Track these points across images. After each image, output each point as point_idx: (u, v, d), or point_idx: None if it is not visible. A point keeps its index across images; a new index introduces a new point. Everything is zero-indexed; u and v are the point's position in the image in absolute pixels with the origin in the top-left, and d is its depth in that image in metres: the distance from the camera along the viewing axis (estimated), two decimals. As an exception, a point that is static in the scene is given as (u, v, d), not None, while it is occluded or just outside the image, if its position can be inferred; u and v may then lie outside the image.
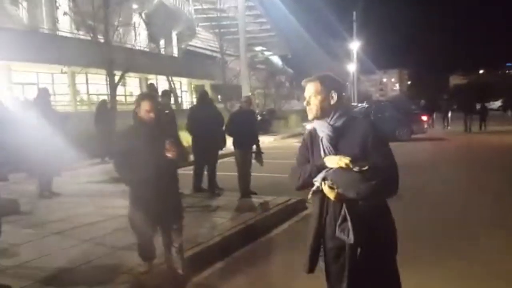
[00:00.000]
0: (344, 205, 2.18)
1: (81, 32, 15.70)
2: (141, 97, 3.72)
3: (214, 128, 7.22)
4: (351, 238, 2.15)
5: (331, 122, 2.32)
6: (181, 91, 29.47)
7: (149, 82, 16.14)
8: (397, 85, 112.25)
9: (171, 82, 20.27)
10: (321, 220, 2.31)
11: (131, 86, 22.96)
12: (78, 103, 21.00)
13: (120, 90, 16.90)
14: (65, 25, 17.63)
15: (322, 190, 2.22)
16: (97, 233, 5.18)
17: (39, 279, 3.93)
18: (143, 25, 19.34)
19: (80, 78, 20.65)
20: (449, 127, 24.02)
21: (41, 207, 6.63)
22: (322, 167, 2.23)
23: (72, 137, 6.80)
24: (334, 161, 2.18)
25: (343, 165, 2.12)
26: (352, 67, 40.17)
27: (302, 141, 2.50)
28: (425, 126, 18.60)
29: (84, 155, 8.01)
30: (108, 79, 12.16)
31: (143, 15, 16.99)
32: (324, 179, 2.19)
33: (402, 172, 2.25)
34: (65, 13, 12.48)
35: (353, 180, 2.11)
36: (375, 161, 2.16)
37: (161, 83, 21.09)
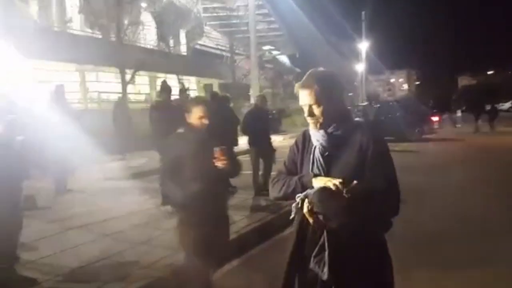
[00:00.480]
0: (324, 233, 1.81)
1: (91, 31, 15.78)
2: (194, 102, 3.25)
3: (226, 128, 7.25)
4: (324, 273, 1.80)
5: (329, 130, 1.93)
6: (190, 90, 29.51)
7: (161, 80, 16.20)
8: (405, 85, 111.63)
9: (182, 81, 20.37)
10: (298, 244, 1.95)
11: (140, 84, 23.05)
12: (88, 101, 21.12)
13: (129, 88, 17.00)
14: (75, 24, 17.74)
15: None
16: (115, 229, 5.24)
17: (58, 273, 3.98)
18: (152, 24, 19.43)
19: (90, 76, 20.77)
20: (458, 127, 23.96)
21: (58, 203, 6.70)
22: (308, 185, 1.87)
23: (89, 134, 6.86)
24: (322, 183, 1.81)
25: (331, 186, 1.76)
26: (360, 67, 40.03)
27: (293, 143, 2.13)
28: (436, 126, 18.57)
29: (101, 152, 8.07)
30: (120, 77, 12.24)
31: (153, 13, 17.08)
32: (306, 196, 1.83)
33: (413, 173, 2.09)
34: (80, 12, 12.55)
35: (338, 207, 1.73)
36: (372, 182, 1.79)
37: (170, 82, 21.11)
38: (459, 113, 25.17)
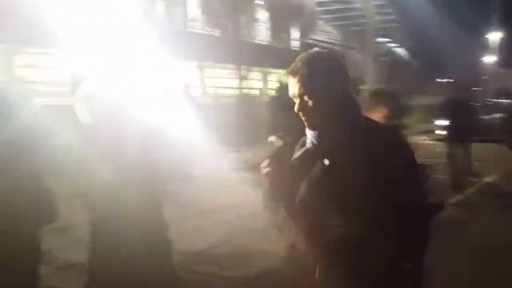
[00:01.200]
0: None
1: (210, 29, 16.72)
2: (379, 97, 2.58)
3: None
4: None
5: (328, 129, 1.45)
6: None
7: (273, 76, 16.55)
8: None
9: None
10: None
11: (253, 79, 23.82)
12: (206, 96, 22.49)
13: (243, 83, 17.67)
14: (194, 23, 18.96)
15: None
16: (232, 217, 5.46)
17: (180, 255, 4.24)
18: (266, 20, 19.86)
19: (207, 72, 22.05)
20: None
21: (179, 189, 7.19)
22: None
23: (209, 127, 7.28)
24: None
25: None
26: (490, 60, 36.11)
27: None
28: None
29: (219, 144, 8.51)
30: (237, 74, 12.78)
31: (268, 9, 17.48)
32: None
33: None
34: (203, 12, 13.37)
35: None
36: (391, 203, 1.31)
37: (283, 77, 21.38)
38: None
